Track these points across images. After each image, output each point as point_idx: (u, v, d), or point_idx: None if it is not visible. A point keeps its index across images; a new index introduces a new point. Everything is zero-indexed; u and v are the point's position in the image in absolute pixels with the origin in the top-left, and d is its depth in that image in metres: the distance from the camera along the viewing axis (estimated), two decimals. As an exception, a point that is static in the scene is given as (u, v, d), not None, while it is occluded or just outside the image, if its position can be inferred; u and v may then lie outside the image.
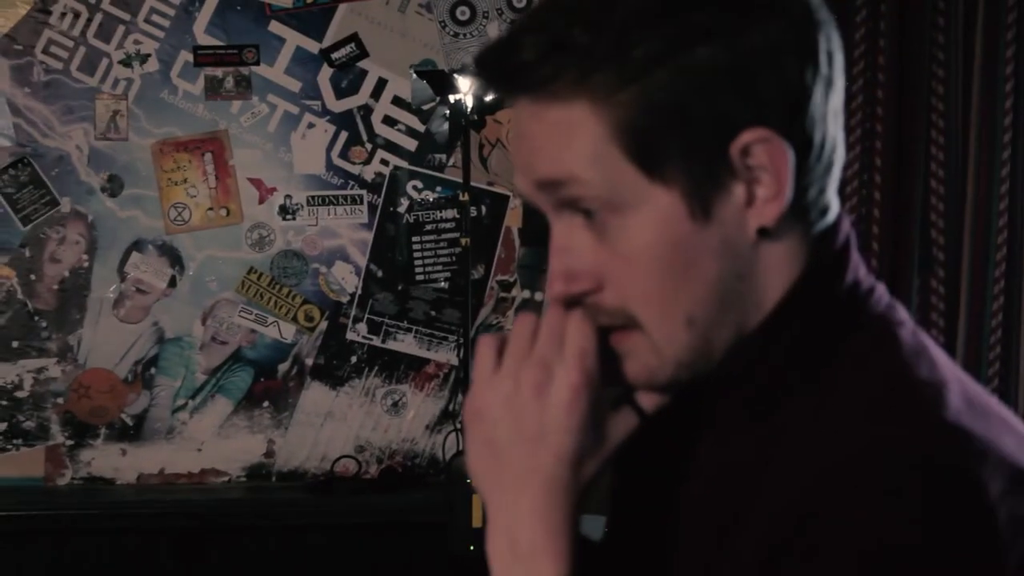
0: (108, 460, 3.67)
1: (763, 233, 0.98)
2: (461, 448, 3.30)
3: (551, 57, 0.95)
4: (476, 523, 3.14)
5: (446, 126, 3.41)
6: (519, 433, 1.00)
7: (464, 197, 3.31)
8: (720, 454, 1.02)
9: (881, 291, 1.03)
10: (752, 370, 1.00)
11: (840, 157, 1.01)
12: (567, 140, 0.97)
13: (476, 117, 3.25)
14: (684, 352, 0.99)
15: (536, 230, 3.65)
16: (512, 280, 3.68)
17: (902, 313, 1.02)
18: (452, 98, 3.25)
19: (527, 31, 0.97)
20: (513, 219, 3.67)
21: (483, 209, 3.59)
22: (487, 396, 1.02)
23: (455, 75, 3.26)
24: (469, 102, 3.23)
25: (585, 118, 0.96)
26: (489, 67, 1.00)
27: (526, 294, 3.68)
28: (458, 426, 3.42)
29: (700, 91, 0.95)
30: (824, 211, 1.01)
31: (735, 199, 0.97)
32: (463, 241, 3.36)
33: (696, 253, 0.97)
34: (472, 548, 3.13)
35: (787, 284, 1.00)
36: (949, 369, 0.98)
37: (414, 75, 3.41)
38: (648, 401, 1.04)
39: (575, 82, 0.95)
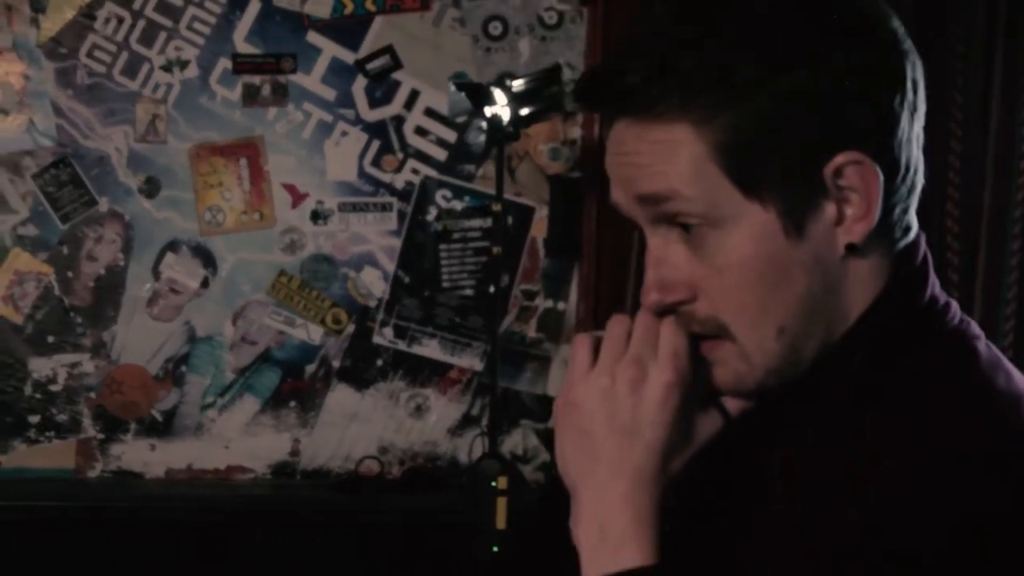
0: (138, 454, 3.76)
1: (851, 249, 1.05)
2: (487, 451, 3.39)
3: (656, 82, 1.03)
4: (500, 525, 3.22)
5: (482, 138, 3.50)
6: (614, 425, 1.07)
7: (497, 207, 3.40)
8: (799, 458, 1.08)
9: (955, 307, 1.10)
10: (836, 379, 1.07)
11: (921, 179, 1.09)
12: (669, 158, 1.04)
13: (512, 130, 3.34)
14: (773, 360, 1.06)
15: (560, 242, 3.74)
16: (536, 289, 3.78)
17: (976, 328, 1.10)
18: (489, 111, 3.34)
19: (631, 57, 1.05)
20: (539, 230, 3.77)
21: (509, 219, 3.68)
22: (584, 390, 1.09)
23: (492, 88, 3.35)
24: (505, 115, 3.32)
25: (687, 138, 1.03)
26: (594, 90, 1.08)
27: (549, 303, 3.77)
28: (484, 430, 3.50)
29: (797, 114, 1.02)
30: (907, 230, 1.09)
31: (826, 217, 1.04)
32: (495, 250, 3.45)
33: (789, 268, 1.04)
34: (495, 549, 3.21)
35: (871, 298, 1.07)
36: (1022, 380, 1.05)
37: (452, 87, 3.50)
38: (733, 405, 1.10)
39: (679, 105, 1.03)
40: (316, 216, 3.76)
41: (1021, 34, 3.47)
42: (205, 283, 3.75)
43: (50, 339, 3.73)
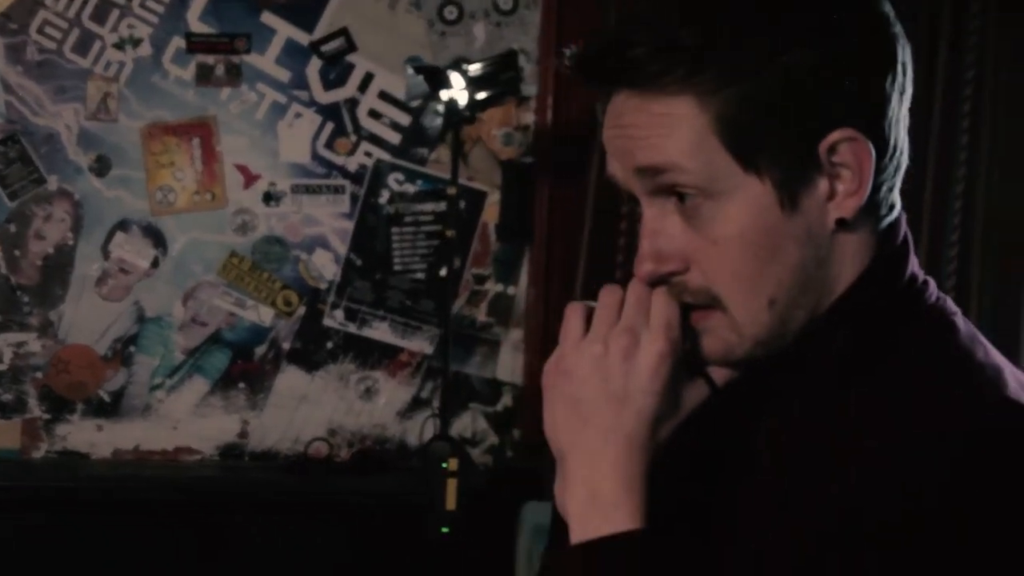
0: (84, 435, 3.73)
1: (841, 224, 1.08)
2: (438, 433, 3.40)
3: (661, 55, 1.05)
4: (450, 506, 3.24)
5: (438, 121, 3.50)
6: (605, 393, 1.08)
7: (452, 191, 3.42)
8: (784, 429, 1.11)
9: (933, 284, 1.14)
10: (821, 352, 1.10)
11: (906, 159, 1.12)
12: (671, 131, 1.06)
13: (468, 114, 3.35)
14: (763, 331, 1.09)
15: (512, 226, 3.76)
16: (487, 274, 3.79)
17: (953, 304, 1.13)
18: (445, 94, 3.34)
19: (636, 30, 1.07)
20: (490, 214, 3.78)
21: (462, 204, 3.69)
22: (576, 358, 1.10)
23: (449, 72, 3.36)
24: (462, 99, 3.33)
25: (689, 111, 1.05)
26: (596, 61, 1.09)
27: (499, 287, 3.79)
28: (435, 412, 3.51)
29: (797, 91, 1.05)
30: (891, 208, 1.12)
31: (819, 192, 1.07)
32: (448, 233, 3.47)
33: (782, 240, 1.07)
34: (446, 531, 3.23)
35: (856, 272, 1.10)
36: (998, 355, 1.09)
37: (409, 70, 3.50)
38: (719, 375, 1.13)
39: (683, 79, 1.05)
40: (268, 197, 3.75)
41: (963, 46, 3.52)
42: (155, 263, 3.73)
43: (-4, 317, 3.70)
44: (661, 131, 1.06)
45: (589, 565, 1.07)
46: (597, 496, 1.08)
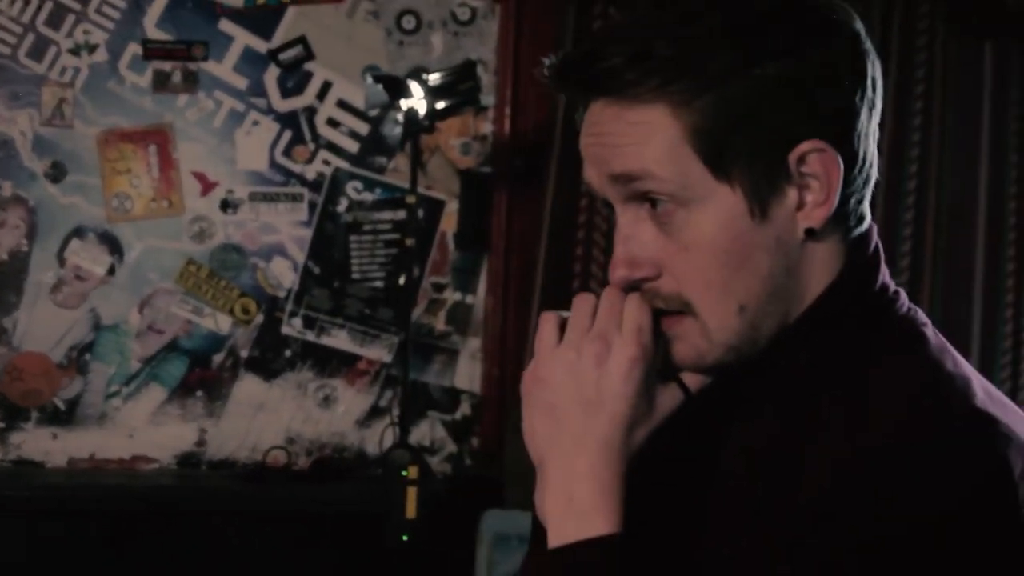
0: (39, 443, 3.71)
1: (809, 234, 1.10)
2: (397, 441, 3.41)
3: (636, 65, 1.07)
4: (410, 514, 3.25)
5: (398, 130, 3.51)
6: (579, 398, 1.10)
7: (411, 199, 3.43)
8: (756, 436, 1.13)
9: (904, 295, 1.16)
10: (792, 359, 1.12)
11: (875, 172, 1.14)
12: (645, 139, 1.08)
13: (427, 123, 3.37)
14: (733, 338, 1.10)
15: (470, 235, 3.78)
16: (445, 282, 3.81)
17: (923, 315, 1.15)
18: (405, 103, 3.36)
19: (613, 41, 1.09)
20: (448, 223, 3.79)
21: (420, 212, 3.70)
22: (550, 365, 1.12)
23: (408, 81, 3.37)
24: (421, 108, 3.35)
25: (663, 120, 1.08)
26: (574, 70, 1.11)
27: (458, 296, 3.80)
28: (395, 420, 3.52)
29: (767, 102, 1.07)
30: (860, 219, 1.14)
31: (788, 202, 1.10)
32: (407, 242, 3.48)
33: (752, 248, 1.09)
34: (405, 539, 3.24)
35: (827, 282, 1.12)
36: (966, 366, 1.11)
37: (369, 79, 3.51)
38: (692, 381, 1.14)
39: (656, 88, 1.07)
40: (226, 205, 3.75)
41: (913, 58, 3.59)
42: (111, 270, 3.72)
43: (-50, 325, 3.67)
44: (635, 139, 1.08)
45: (565, 569, 1.08)
46: (573, 501, 1.09)
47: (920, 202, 3.64)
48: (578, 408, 1.10)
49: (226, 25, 3.74)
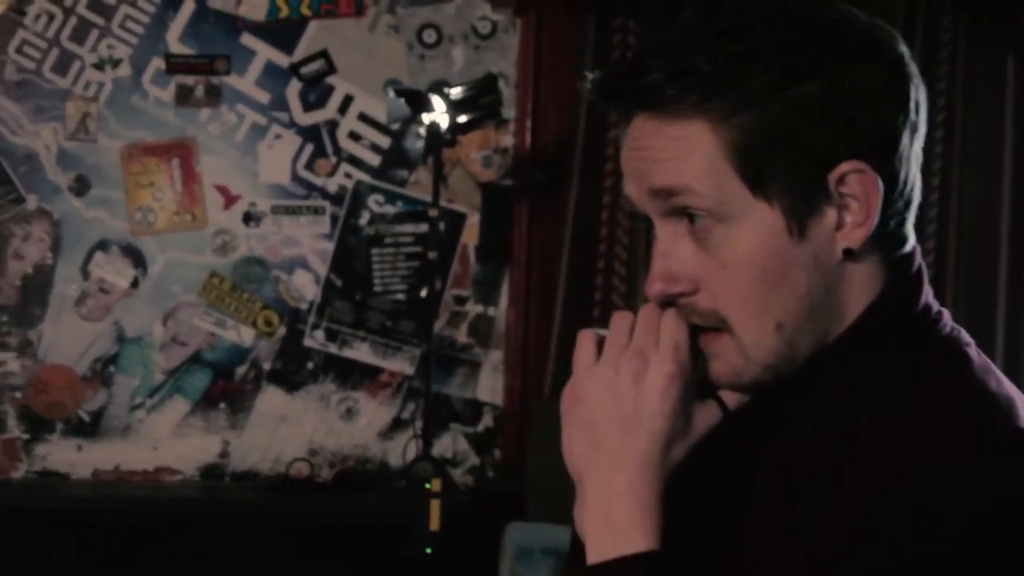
0: (64, 455, 3.73)
1: (848, 254, 1.10)
2: (420, 454, 3.42)
3: (677, 81, 1.07)
4: (433, 527, 3.26)
5: (420, 143, 3.53)
6: (617, 416, 1.10)
7: (434, 212, 3.45)
8: (794, 455, 1.12)
9: (948, 316, 1.15)
10: (832, 378, 1.11)
11: (918, 195, 1.14)
12: (685, 154, 1.08)
13: (449, 137, 3.38)
14: (770, 356, 1.10)
15: (491, 248, 3.79)
16: (467, 295, 3.82)
17: (967, 335, 1.15)
18: (427, 117, 3.37)
19: (654, 57, 1.09)
20: (470, 236, 3.81)
21: (441, 225, 3.72)
22: (588, 383, 1.12)
23: (430, 95, 3.39)
24: (444, 122, 3.36)
25: (702, 136, 1.08)
26: (615, 85, 1.12)
27: (479, 308, 3.82)
28: (418, 433, 3.53)
29: (807, 121, 1.07)
30: (902, 241, 1.13)
31: (827, 221, 1.09)
32: (430, 255, 3.50)
33: (790, 266, 1.09)
34: (429, 551, 3.25)
35: (866, 302, 1.12)
36: (1010, 386, 1.11)
37: (391, 93, 3.53)
38: (730, 399, 1.14)
39: (697, 104, 1.07)
40: (248, 218, 3.77)
41: (936, 66, 3.59)
42: (135, 283, 3.74)
43: (-25, 338, 3.70)
44: (675, 154, 1.09)
45: None
46: (611, 518, 1.09)
47: (943, 211, 3.65)
48: (616, 425, 1.10)
49: (248, 39, 3.76)
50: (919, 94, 1.13)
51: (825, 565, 1.02)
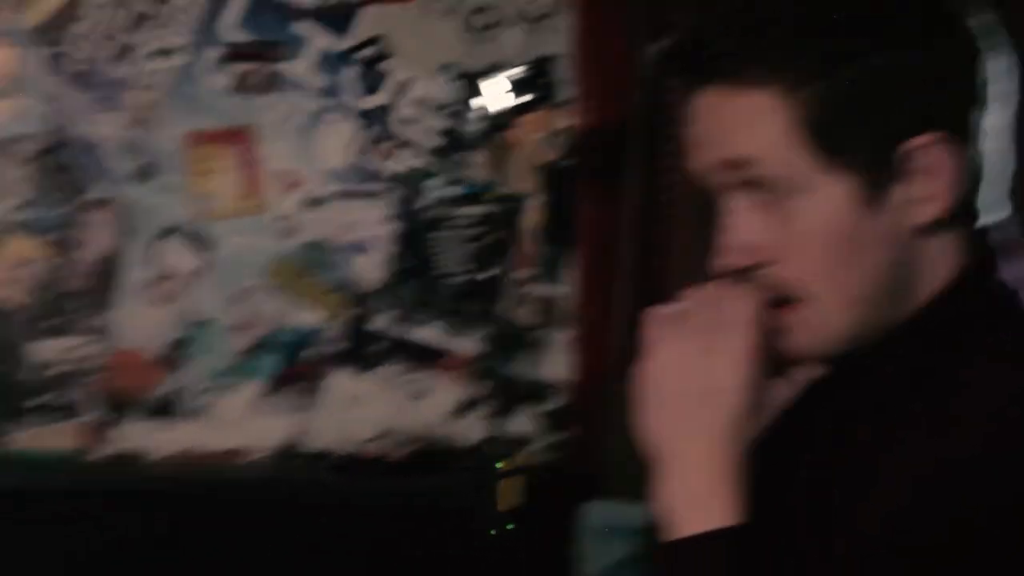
0: (139, 437, 3.82)
1: (923, 228, 1.08)
2: (490, 434, 3.50)
3: (747, 49, 1.07)
4: (505, 507, 3.34)
5: (477, 126, 3.57)
6: (691, 391, 1.10)
7: (493, 194, 3.50)
8: (872, 432, 1.10)
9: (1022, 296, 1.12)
10: (908, 354, 1.09)
11: (1008, 167, 1.11)
12: (756, 124, 1.07)
13: (505, 119, 3.42)
14: (843, 329, 1.09)
15: (554, 228, 3.84)
16: (530, 275, 3.87)
17: None
18: (484, 100, 3.41)
19: (724, 25, 1.08)
20: (530, 217, 3.84)
21: (502, 207, 3.77)
22: (663, 358, 1.12)
23: (486, 78, 3.43)
24: (500, 104, 3.40)
25: (774, 106, 1.07)
26: (684, 55, 1.10)
27: (544, 289, 3.87)
28: (486, 413, 3.60)
29: (881, 92, 1.05)
30: (982, 214, 1.12)
31: (900, 195, 1.08)
32: (492, 237, 3.55)
33: (862, 239, 1.07)
34: (503, 530, 3.34)
35: (944, 277, 1.10)
36: None
37: (447, 76, 3.56)
38: (802, 371, 1.15)
39: (768, 73, 1.06)
40: (310, 203, 3.82)
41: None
42: (201, 269, 3.81)
43: (49, 323, 3.77)
44: (747, 124, 1.07)
45: (689, 561, 1.09)
46: (691, 491, 1.10)
47: None
48: (690, 401, 1.11)
49: (302, 26, 3.78)
50: (1001, 64, 1.09)
51: (862, 557, 1.02)
